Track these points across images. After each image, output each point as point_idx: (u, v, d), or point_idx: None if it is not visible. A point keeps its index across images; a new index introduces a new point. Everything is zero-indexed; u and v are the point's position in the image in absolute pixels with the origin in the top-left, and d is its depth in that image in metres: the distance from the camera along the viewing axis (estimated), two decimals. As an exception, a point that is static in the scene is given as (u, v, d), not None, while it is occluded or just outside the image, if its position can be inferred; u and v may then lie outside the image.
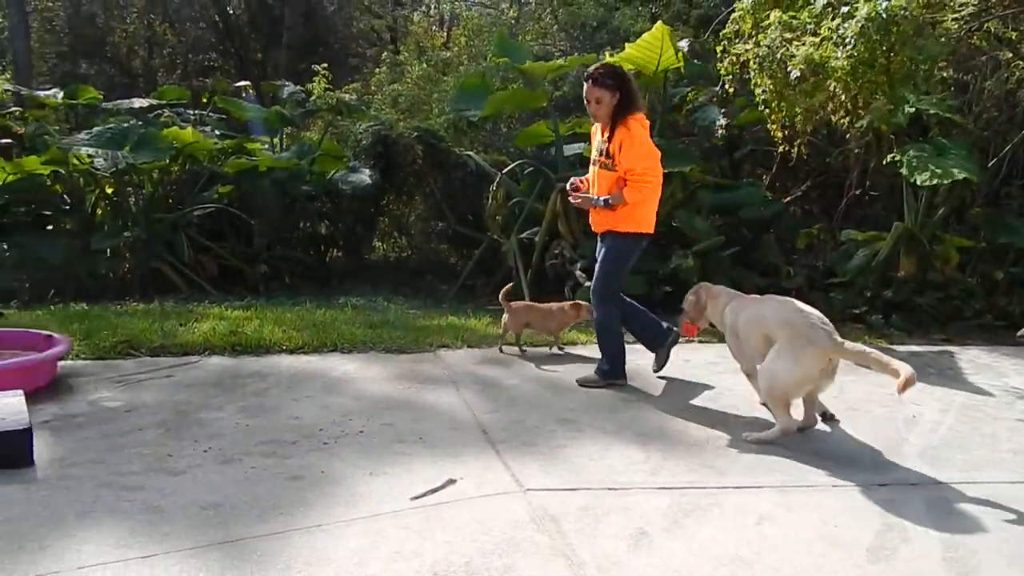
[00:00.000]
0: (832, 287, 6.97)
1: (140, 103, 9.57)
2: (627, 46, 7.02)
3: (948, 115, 6.39)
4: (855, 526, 2.84)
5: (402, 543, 2.61)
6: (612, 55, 7.19)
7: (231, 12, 19.60)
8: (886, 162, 6.30)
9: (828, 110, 6.11)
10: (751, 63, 6.13)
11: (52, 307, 6.15)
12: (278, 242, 8.14)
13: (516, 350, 5.22)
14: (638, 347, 4.78)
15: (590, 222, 4.68)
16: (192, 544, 2.57)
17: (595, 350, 4.78)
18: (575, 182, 4.70)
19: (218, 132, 8.94)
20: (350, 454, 3.37)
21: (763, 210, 7.45)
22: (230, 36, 19.14)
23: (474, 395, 4.28)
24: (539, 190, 7.49)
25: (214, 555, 2.51)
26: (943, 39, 5.79)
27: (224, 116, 9.86)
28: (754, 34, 6.25)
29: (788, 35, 5.88)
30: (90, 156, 6.92)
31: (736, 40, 6.57)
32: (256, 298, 7.06)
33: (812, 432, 3.82)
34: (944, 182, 5.93)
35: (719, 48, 6.79)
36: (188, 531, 2.66)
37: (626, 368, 4.58)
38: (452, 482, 3.11)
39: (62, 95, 9.57)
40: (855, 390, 4.50)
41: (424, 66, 11.76)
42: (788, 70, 5.74)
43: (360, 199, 8.28)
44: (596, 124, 4.59)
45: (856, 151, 7.35)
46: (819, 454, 3.55)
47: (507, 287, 5.33)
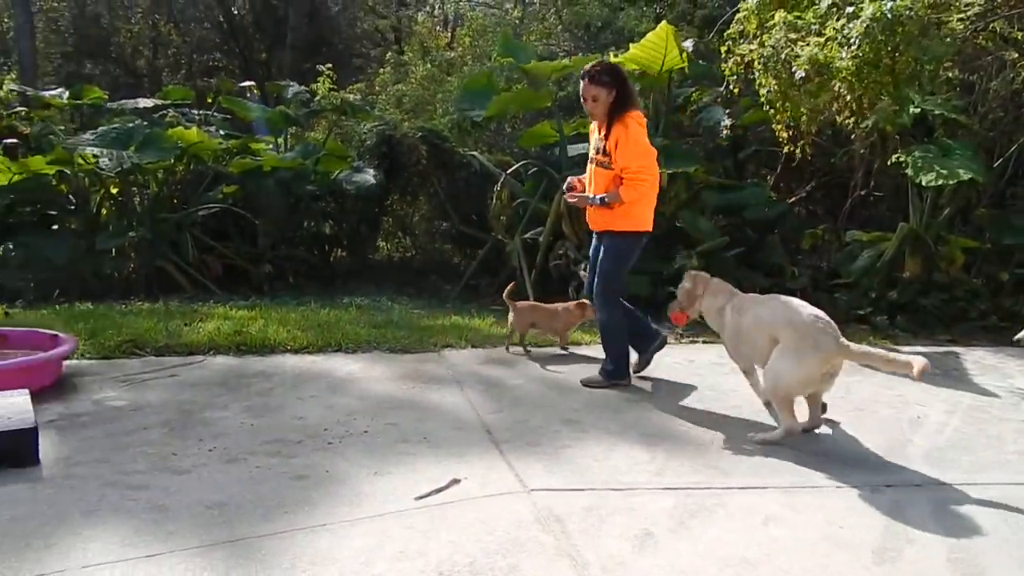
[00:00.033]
0: (837, 288, 6.95)
1: (145, 103, 9.59)
2: (631, 46, 7.02)
3: (953, 115, 6.37)
4: (861, 527, 2.84)
5: (407, 543, 2.61)
6: (616, 55, 7.18)
7: (235, 12, 19.67)
8: (891, 163, 6.28)
9: (833, 110, 6.11)
10: (756, 63, 6.13)
11: (57, 306, 6.17)
12: (282, 242, 8.15)
13: (521, 350, 5.23)
14: (643, 348, 4.78)
15: (588, 220, 4.67)
16: (197, 543, 2.57)
17: (599, 350, 4.77)
18: (571, 181, 4.69)
19: (223, 132, 8.95)
20: (354, 454, 3.38)
21: (767, 211, 7.43)
22: (234, 36, 19.20)
23: (478, 395, 4.28)
24: (543, 190, 7.50)
25: (219, 554, 2.51)
26: (948, 39, 5.78)
27: (229, 116, 9.87)
28: (759, 34, 6.25)
29: (793, 35, 5.88)
30: (95, 156, 6.93)
31: (741, 40, 6.56)
32: (260, 298, 7.07)
33: (817, 433, 3.81)
34: (949, 183, 5.92)
35: (723, 48, 6.78)
36: (193, 530, 2.66)
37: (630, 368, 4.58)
38: (456, 482, 3.10)
39: (67, 95, 9.60)
40: (861, 391, 4.50)
41: (428, 66, 11.77)
42: (793, 70, 5.74)
43: (364, 199, 8.29)
44: (594, 122, 4.59)
45: (861, 151, 7.33)
46: (824, 455, 3.54)
47: (510, 286, 5.33)
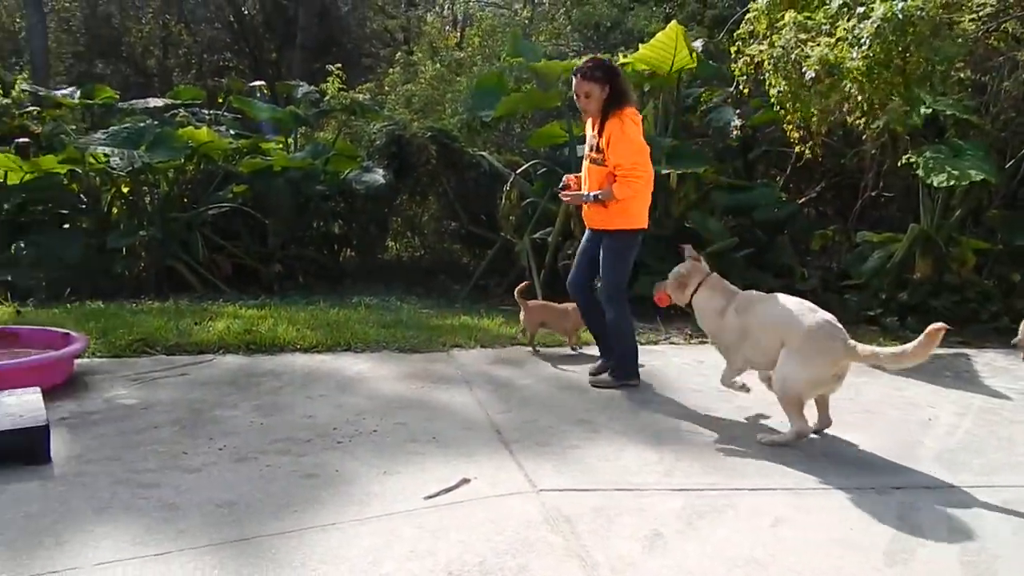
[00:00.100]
0: (847, 289, 6.92)
1: (156, 103, 9.63)
2: (641, 46, 7.00)
3: (965, 116, 6.32)
4: (871, 529, 2.83)
5: (416, 542, 2.62)
6: (626, 55, 7.18)
7: (246, 12, 19.73)
8: (902, 163, 6.24)
9: (843, 111, 6.08)
10: (766, 63, 6.11)
11: (68, 305, 6.20)
12: (292, 241, 8.17)
13: (529, 349, 5.22)
14: (654, 348, 4.76)
15: (584, 218, 4.65)
16: (207, 542, 2.59)
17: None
18: (566, 180, 4.68)
19: (233, 132, 8.98)
20: (364, 453, 3.38)
21: (777, 211, 7.40)
22: (245, 36, 19.27)
23: (487, 395, 4.28)
24: (552, 191, 7.48)
25: (229, 553, 2.53)
26: (960, 39, 5.75)
27: (239, 116, 9.90)
28: (769, 34, 6.23)
29: (803, 35, 5.86)
30: (106, 155, 6.96)
31: (751, 40, 6.55)
32: (270, 297, 7.09)
33: (826, 434, 3.79)
34: (961, 183, 5.89)
35: (733, 48, 6.77)
36: (203, 529, 2.67)
37: (639, 369, 4.57)
38: (466, 481, 3.11)
39: (79, 95, 9.65)
40: (870, 392, 4.48)
41: (437, 66, 11.75)
42: (803, 71, 5.72)
43: (374, 199, 8.29)
44: (588, 119, 4.57)
45: (871, 152, 7.29)
46: (834, 456, 3.53)
47: (522, 285, 5.33)
